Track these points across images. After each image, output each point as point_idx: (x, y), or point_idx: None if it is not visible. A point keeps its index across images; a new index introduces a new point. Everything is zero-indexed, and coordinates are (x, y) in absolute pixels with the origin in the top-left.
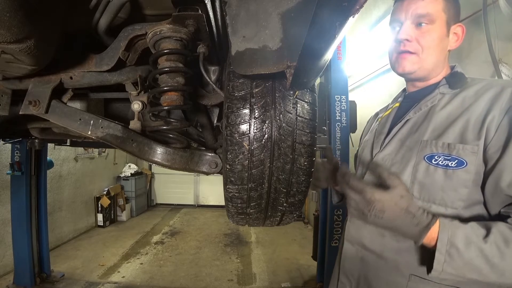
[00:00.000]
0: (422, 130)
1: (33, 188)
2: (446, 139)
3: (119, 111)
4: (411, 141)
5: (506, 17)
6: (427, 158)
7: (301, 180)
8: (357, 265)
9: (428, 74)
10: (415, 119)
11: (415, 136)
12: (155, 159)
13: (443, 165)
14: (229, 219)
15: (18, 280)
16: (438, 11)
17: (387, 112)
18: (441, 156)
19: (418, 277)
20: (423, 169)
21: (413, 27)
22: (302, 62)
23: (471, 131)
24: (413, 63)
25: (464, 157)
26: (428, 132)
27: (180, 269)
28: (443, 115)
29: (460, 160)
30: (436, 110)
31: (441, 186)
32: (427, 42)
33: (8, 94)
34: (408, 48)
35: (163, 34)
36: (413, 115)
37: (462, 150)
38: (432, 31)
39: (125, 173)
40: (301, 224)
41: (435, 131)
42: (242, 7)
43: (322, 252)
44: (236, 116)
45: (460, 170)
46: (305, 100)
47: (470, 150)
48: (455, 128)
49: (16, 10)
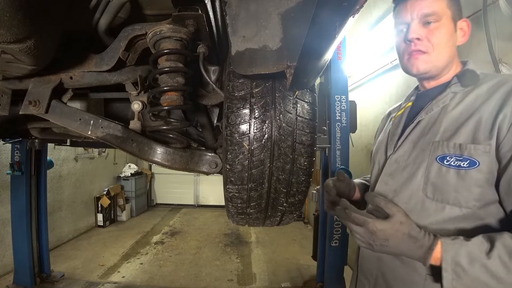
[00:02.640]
0: (434, 131)
1: (33, 188)
2: (458, 139)
3: (119, 111)
4: (424, 142)
5: (506, 17)
6: (439, 159)
7: (301, 180)
8: (374, 265)
9: (441, 71)
10: (427, 120)
11: (427, 137)
12: (155, 159)
13: (455, 165)
14: (229, 219)
15: (18, 280)
16: (442, 8)
17: (400, 111)
18: (453, 156)
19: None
20: (435, 170)
21: (421, 26)
22: (302, 62)
23: (482, 130)
24: (426, 62)
25: (476, 157)
26: (440, 133)
27: (180, 269)
28: (455, 115)
29: (472, 160)
30: (447, 110)
31: (454, 186)
32: (437, 39)
33: (8, 94)
34: (419, 47)
35: (163, 34)
36: (425, 116)
37: (474, 150)
38: (441, 27)
39: (125, 173)
40: (301, 224)
41: (447, 131)
42: (242, 7)
43: (322, 252)
44: (236, 116)
45: (473, 170)
46: (305, 100)
47: (482, 150)
48: (466, 128)
49: (16, 10)
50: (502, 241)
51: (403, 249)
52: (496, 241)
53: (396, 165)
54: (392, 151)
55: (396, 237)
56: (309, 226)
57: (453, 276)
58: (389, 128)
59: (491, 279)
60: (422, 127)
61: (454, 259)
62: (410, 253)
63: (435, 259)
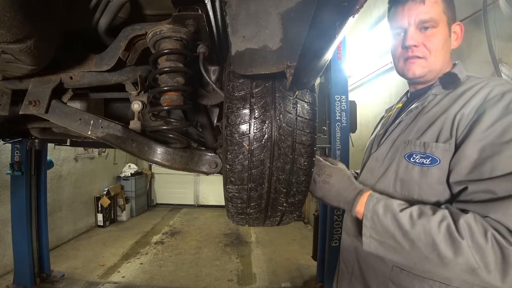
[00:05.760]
0: (408, 131)
1: (33, 188)
2: (425, 138)
3: (119, 111)
4: (399, 141)
5: (506, 17)
6: (407, 157)
7: (301, 180)
8: (352, 254)
9: (436, 76)
10: (406, 121)
11: (402, 136)
12: (155, 159)
13: (419, 163)
14: (229, 219)
15: (18, 280)
16: (439, 14)
17: (391, 112)
18: (418, 154)
19: (399, 268)
20: (403, 167)
21: (418, 31)
22: (302, 62)
23: (445, 130)
24: (423, 67)
25: (437, 155)
26: (413, 133)
27: (180, 269)
28: (428, 116)
29: (434, 157)
30: (424, 111)
31: (418, 182)
32: (434, 45)
33: (8, 94)
34: (416, 53)
35: (163, 34)
36: (405, 117)
37: (435, 148)
38: (437, 33)
39: (125, 173)
40: (301, 224)
41: (419, 131)
42: (242, 7)
43: (322, 252)
44: (236, 116)
45: (434, 168)
46: (305, 100)
47: (442, 148)
48: (433, 128)
49: (16, 10)
50: (420, 206)
51: (339, 187)
52: (416, 205)
53: (375, 162)
54: (375, 149)
55: (337, 175)
56: (309, 226)
57: (370, 223)
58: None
59: (398, 230)
60: (401, 127)
61: (374, 207)
62: (343, 193)
63: (360, 208)
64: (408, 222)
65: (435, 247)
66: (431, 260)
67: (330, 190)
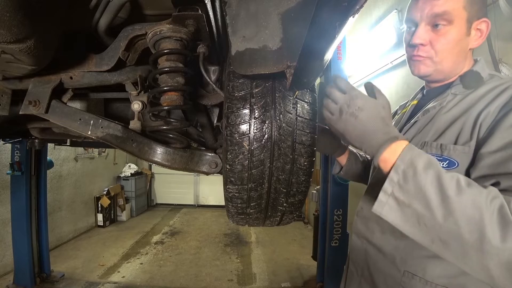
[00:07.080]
0: (425, 132)
1: (33, 188)
2: (443, 140)
3: (119, 111)
4: (414, 142)
5: (506, 17)
6: None
7: (301, 180)
8: (362, 256)
9: (446, 76)
10: (423, 121)
11: (418, 137)
12: (155, 159)
13: None
14: (229, 219)
15: (18, 280)
16: (458, 9)
17: (405, 109)
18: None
19: (411, 274)
20: None
21: (429, 29)
22: (302, 62)
23: (465, 132)
24: (427, 66)
25: (455, 157)
26: (430, 134)
27: (180, 269)
28: (447, 117)
29: (451, 160)
30: (442, 112)
31: None
32: (442, 45)
33: (8, 94)
34: (421, 53)
35: (163, 34)
36: (422, 117)
37: (453, 150)
38: (449, 33)
39: (125, 173)
40: (301, 224)
41: (436, 133)
42: (242, 7)
43: (322, 252)
44: (236, 116)
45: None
46: (305, 100)
47: (461, 150)
48: (452, 129)
49: (16, 10)
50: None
51: (368, 126)
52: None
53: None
54: None
55: (370, 112)
56: (309, 226)
57: (399, 178)
58: None
59: (437, 194)
60: (417, 127)
61: (412, 159)
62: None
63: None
64: (455, 187)
65: (480, 225)
66: (464, 240)
67: (355, 126)
